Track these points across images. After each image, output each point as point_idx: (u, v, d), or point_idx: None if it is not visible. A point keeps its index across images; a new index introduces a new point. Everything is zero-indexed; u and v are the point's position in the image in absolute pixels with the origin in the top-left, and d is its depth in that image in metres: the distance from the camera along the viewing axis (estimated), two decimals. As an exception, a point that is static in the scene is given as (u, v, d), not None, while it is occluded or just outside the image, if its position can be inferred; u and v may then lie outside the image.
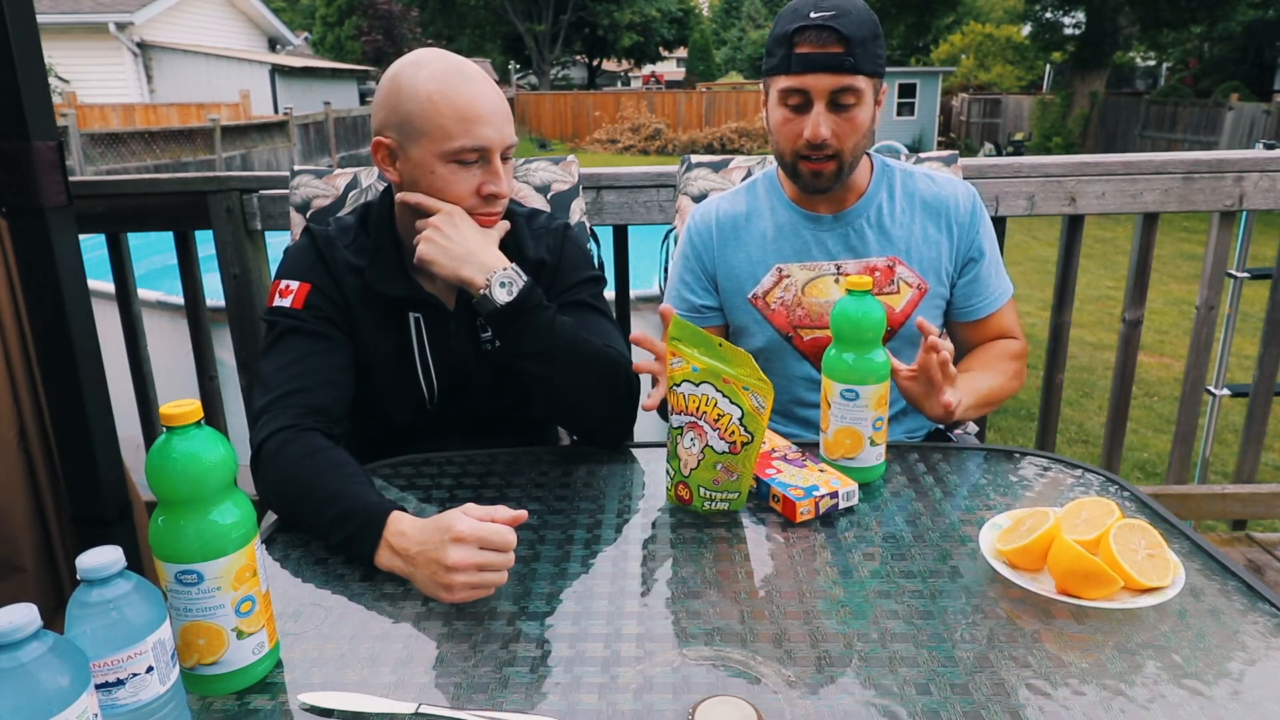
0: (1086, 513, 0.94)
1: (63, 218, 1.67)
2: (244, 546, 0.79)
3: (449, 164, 1.21)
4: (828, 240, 1.47)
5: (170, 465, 0.76)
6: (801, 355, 1.48)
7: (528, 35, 31.71)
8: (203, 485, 0.77)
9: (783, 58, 1.33)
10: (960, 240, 1.47)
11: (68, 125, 10.28)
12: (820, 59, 1.29)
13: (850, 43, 1.28)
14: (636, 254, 2.21)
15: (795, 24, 1.30)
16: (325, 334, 1.25)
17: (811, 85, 1.31)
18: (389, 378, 1.32)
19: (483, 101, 1.19)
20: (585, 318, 1.34)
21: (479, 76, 1.22)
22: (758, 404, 1.05)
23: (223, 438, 0.79)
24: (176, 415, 0.76)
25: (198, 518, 0.77)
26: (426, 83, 1.19)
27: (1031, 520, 0.96)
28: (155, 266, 3.51)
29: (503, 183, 1.23)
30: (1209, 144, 14.90)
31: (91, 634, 0.69)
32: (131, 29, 16.17)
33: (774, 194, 1.52)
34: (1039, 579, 0.92)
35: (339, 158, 16.30)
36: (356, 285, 1.29)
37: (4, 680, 0.59)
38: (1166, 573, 0.89)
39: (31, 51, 1.59)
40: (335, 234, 1.33)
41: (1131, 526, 0.91)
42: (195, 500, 0.77)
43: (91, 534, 1.77)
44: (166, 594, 0.78)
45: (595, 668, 0.82)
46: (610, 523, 1.09)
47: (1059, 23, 20.66)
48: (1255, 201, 2.12)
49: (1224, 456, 3.64)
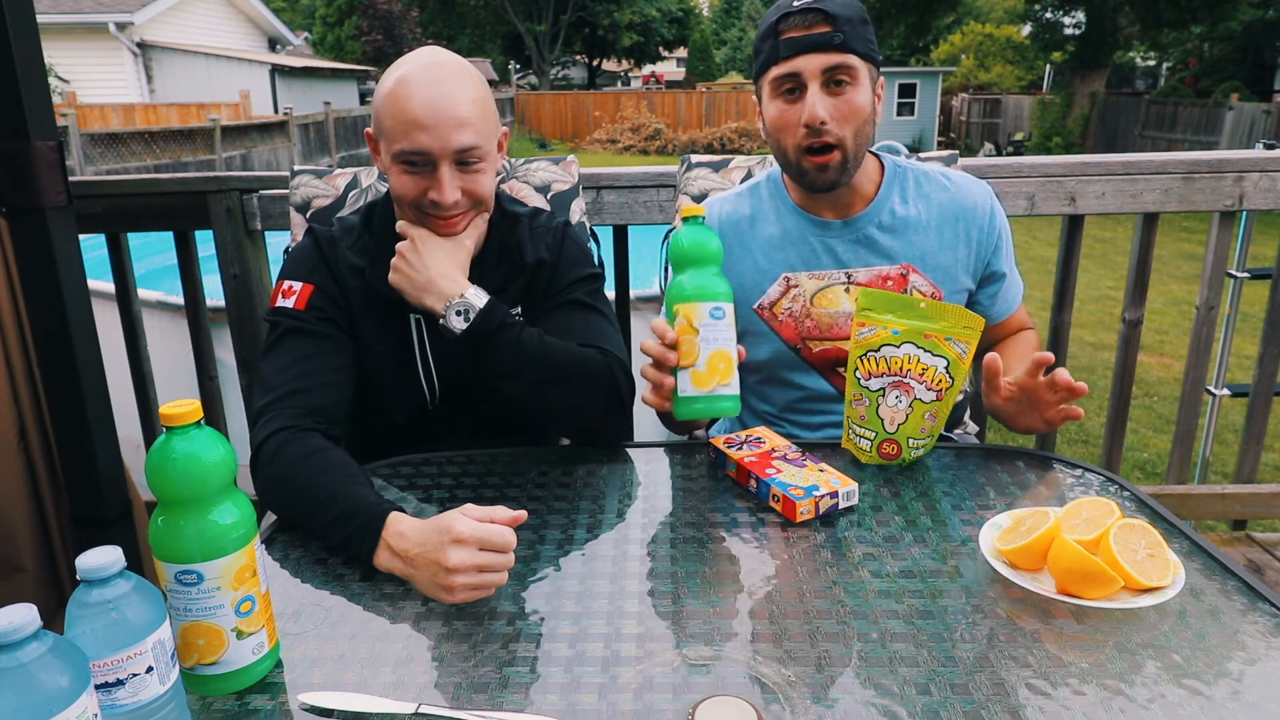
0: (1086, 512, 0.94)
1: (63, 218, 1.67)
2: (244, 546, 0.79)
3: (397, 164, 1.21)
4: (837, 247, 1.41)
5: (170, 465, 0.76)
6: (810, 367, 1.45)
7: (528, 35, 31.72)
8: (203, 485, 0.77)
9: (770, 48, 1.31)
10: (981, 249, 1.42)
11: (68, 125, 10.28)
12: (808, 40, 1.27)
13: (837, 20, 1.27)
14: (636, 254, 2.21)
15: (779, 14, 1.30)
16: (327, 335, 1.25)
17: (802, 67, 1.28)
18: (391, 378, 1.32)
19: (425, 106, 1.16)
20: (579, 316, 1.34)
21: (443, 79, 1.18)
22: (961, 351, 1.17)
23: (222, 438, 0.79)
24: (176, 415, 0.76)
25: (197, 518, 0.77)
26: (391, 81, 1.20)
27: (1032, 520, 0.96)
28: (155, 266, 3.51)
29: (444, 191, 1.19)
30: (1209, 144, 14.90)
31: (91, 634, 0.69)
32: (131, 29, 16.17)
33: (778, 198, 1.46)
34: (1039, 579, 0.92)
35: (339, 158, 16.30)
36: (358, 286, 1.29)
37: (4, 680, 0.59)
38: (1166, 572, 0.89)
39: (31, 51, 1.59)
40: (338, 234, 1.33)
41: (1131, 526, 0.91)
42: (195, 500, 0.77)
43: (91, 534, 1.77)
44: (166, 594, 0.78)
45: (595, 668, 0.82)
46: (610, 523, 1.09)
47: (1059, 23, 20.67)
48: (1255, 201, 2.12)
49: (1224, 456, 3.64)
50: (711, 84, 32.05)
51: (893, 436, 1.20)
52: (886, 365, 1.19)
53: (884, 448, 1.21)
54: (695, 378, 1.12)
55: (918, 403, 1.18)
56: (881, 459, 1.22)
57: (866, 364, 1.20)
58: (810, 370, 1.45)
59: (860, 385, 1.21)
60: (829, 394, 1.44)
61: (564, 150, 21.74)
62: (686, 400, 1.13)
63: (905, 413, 1.19)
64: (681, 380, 1.13)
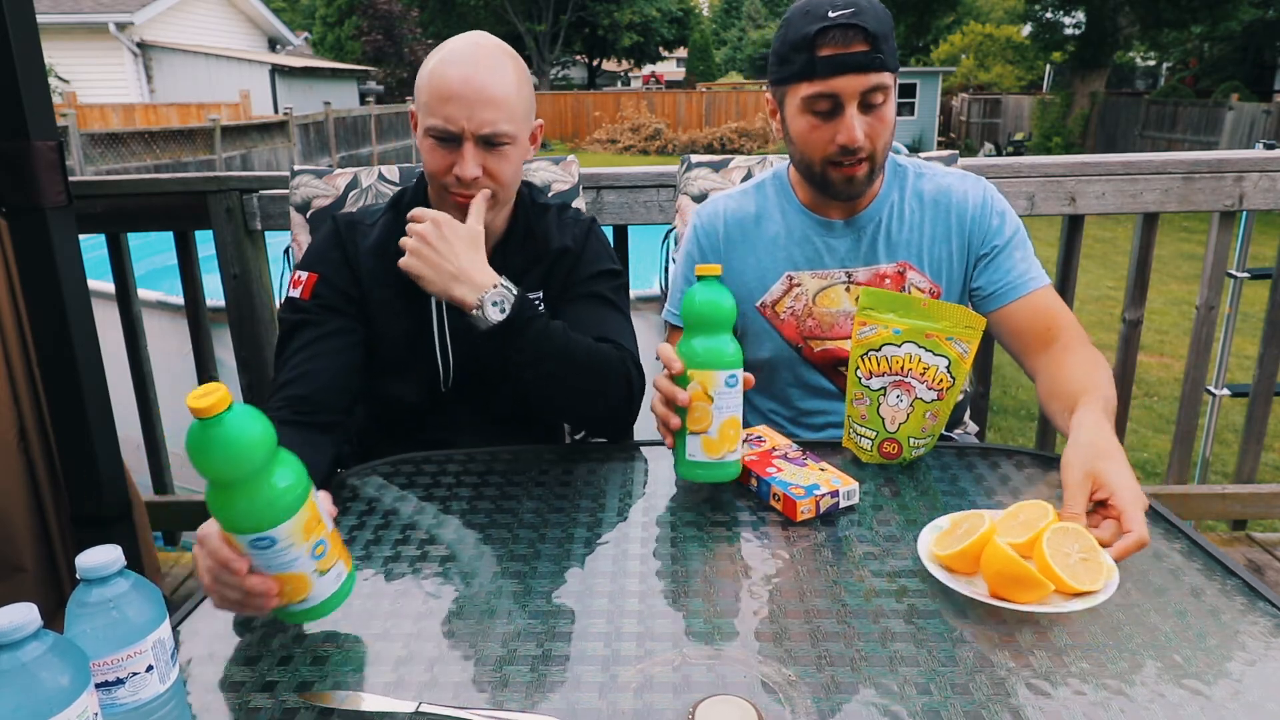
0: (1024, 515, 0.94)
1: (63, 218, 1.67)
2: (305, 502, 0.80)
3: (428, 139, 1.24)
4: (839, 246, 1.41)
5: (213, 454, 0.76)
6: (812, 366, 1.45)
7: (528, 35, 31.71)
8: (249, 464, 0.77)
9: (805, 63, 1.25)
10: (971, 236, 1.39)
11: (68, 125, 10.28)
12: (848, 60, 1.23)
13: (875, 39, 1.22)
14: (636, 254, 2.21)
15: (815, 25, 1.23)
16: (326, 323, 1.27)
17: (841, 89, 1.24)
18: (406, 356, 1.34)
19: (459, 84, 1.19)
20: (600, 310, 1.35)
21: (480, 59, 1.21)
22: (962, 350, 1.16)
23: (255, 412, 0.79)
24: (206, 408, 0.75)
25: (253, 492, 0.78)
26: (433, 58, 1.23)
27: (968, 524, 0.95)
28: (155, 266, 3.51)
29: (467, 166, 1.21)
30: (1209, 144, 14.90)
31: (91, 633, 0.69)
32: (131, 29, 16.17)
33: (784, 197, 1.45)
34: (974, 583, 0.91)
35: (339, 158, 16.29)
36: (376, 268, 1.31)
37: (4, 680, 0.59)
38: (1099, 576, 0.88)
39: (31, 51, 1.59)
40: (361, 216, 1.36)
41: (1066, 530, 0.91)
42: (247, 478, 0.77)
43: (91, 534, 1.77)
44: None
45: (595, 667, 0.82)
46: (610, 522, 1.09)
47: (1059, 23, 20.66)
48: (1255, 201, 2.12)
49: (1224, 456, 3.64)
50: (711, 84, 32.03)
51: (893, 436, 1.20)
52: (888, 364, 1.19)
53: (885, 447, 1.21)
54: (707, 444, 1.09)
55: (919, 402, 1.18)
56: (882, 458, 1.22)
57: (868, 363, 1.20)
58: (811, 369, 1.45)
59: (861, 384, 1.21)
60: (830, 392, 1.45)
61: (564, 150, 21.74)
62: (693, 464, 1.11)
63: (906, 412, 1.19)
64: (691, 444, 1.10)
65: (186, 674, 0.83)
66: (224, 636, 0.89)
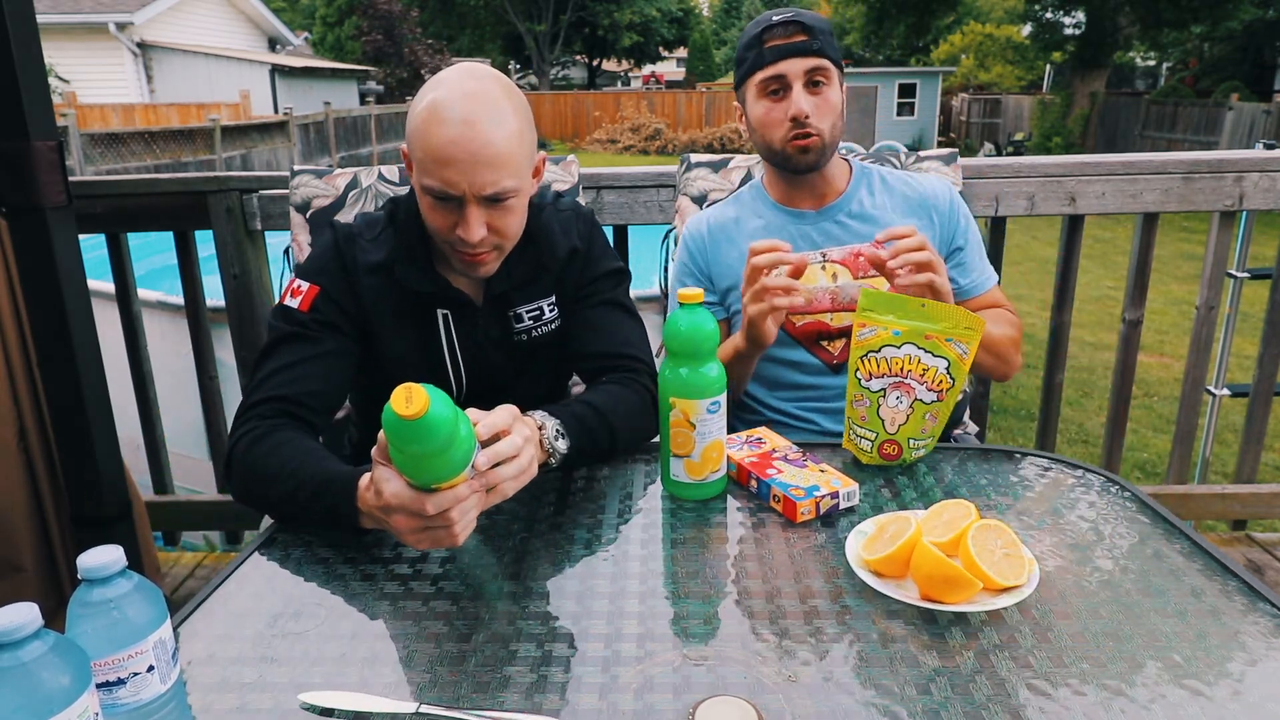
0: (947, 514, 0.95)
1: (63, 218, 1.67)
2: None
3: (426, 197, 1.18)
4: (812, 233, 1.55)
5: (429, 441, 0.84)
6: (795, 341, 1.54)
7: (528, 35, 31.73)
8: (451, 433, 0.86)
9: (755, 56, 1.48)
10: (943, 229, 1.54)
11: (68, 125, 10.29)
12: (791, 46, 1.44)
13: (813, 31, 1.44)
14: (636, 254, 2.21)
15: (760, 27, 1.47)
16: (323, 340, 1.24)
17: (786, 70, 1.45)
18: (416, 375, 1.32)
19: (455, 147, 1.11)
20: (613, 317, 1.37)
21: (476, 114, 1.11)
22: (961, 351, 1.17)
23: (438, 391, 0.85)
24: (414, 414, 0.81)
25: (455, 446, 0.87)
26: (422, 108, 1.14)
27: (894, 526, 0.95)
28: (155, 266, 3.51)
29: (471, 230, 1.16)
30: (1209, 144, 14.91)
31: (92, 633, 0.69)
32: (131, 29, 16.17)
33: (760, 199, 1.61)
34: (903, 586, 0.92)
35: (339, 158, 16.30)
36: (377, 285, 1.27)
37: (5, 679, 0.59)
38: (1022, 570, 0.89)
39: (31, 51, 1.59)
40: (360, 229, 1.30)
41: (988, 527, 0.91)
42: (449, 444, 0.86)
43: (91, 534, 1.78)
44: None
45: (595, 668, 0.82)
46: (610, 523, 1.10)
47: (1059, 23, 20.68)
48: (1255, 201, 2.12)
49: (1224, 456, 3.64)
50: (711, 84, 32.06)
51: (893, 437, 1.20)
52: (887, 366, 1.19)
53: (885, 448, 1.21)
54: (690, 467, 1.12)
55: (918, 403, 1.18)
56: (882, 460, 1.22)
57: (867, 365, 1.20)
58: (795, 345, 1.54)
59: (861, 386, 1.21)
60: (813, 365, 1.54)
61: (564, 150, 21.71)
62: (676, 483, 1.14)
63: (906, 413, 1.19)
64: (675, 465, 1.13)
65: (187, 674, 0.83)
66: (224, 637, 0.89)
